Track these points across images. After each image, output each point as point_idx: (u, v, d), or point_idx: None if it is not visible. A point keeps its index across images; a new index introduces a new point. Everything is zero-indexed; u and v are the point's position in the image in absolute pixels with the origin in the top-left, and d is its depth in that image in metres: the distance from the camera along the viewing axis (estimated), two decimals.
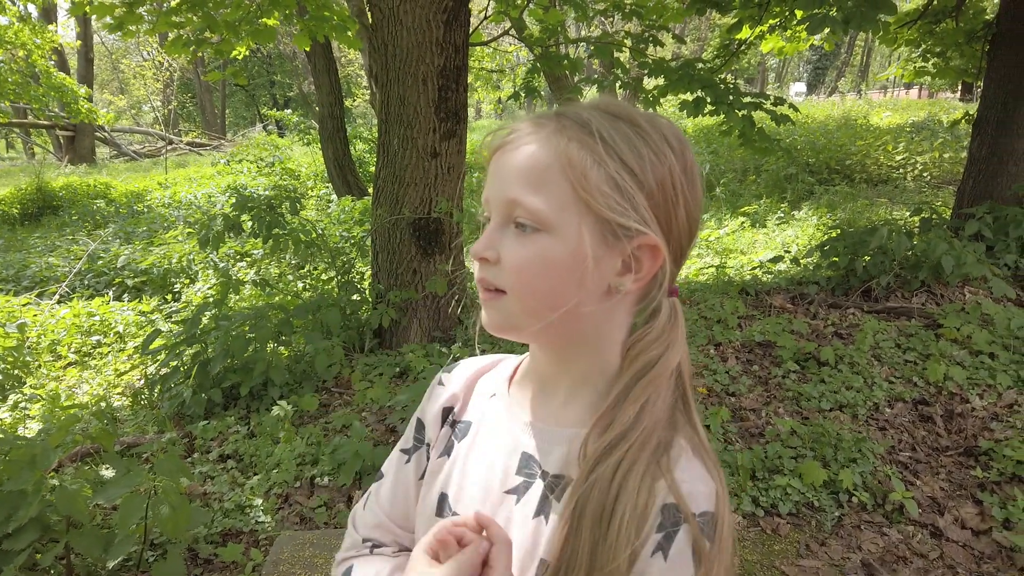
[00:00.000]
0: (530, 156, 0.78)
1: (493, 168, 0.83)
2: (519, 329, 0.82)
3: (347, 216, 9.07)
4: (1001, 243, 5.41)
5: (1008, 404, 3.69)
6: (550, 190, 0.77)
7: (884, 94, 28.69)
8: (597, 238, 0.77)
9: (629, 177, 0.77)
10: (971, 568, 2.76)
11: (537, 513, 0.83)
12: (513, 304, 0.80)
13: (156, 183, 14.58)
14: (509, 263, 0.79)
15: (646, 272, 0.80)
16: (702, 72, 5.44)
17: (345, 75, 27.29)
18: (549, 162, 0.77)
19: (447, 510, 0.92)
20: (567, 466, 0.83)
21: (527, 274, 0.78)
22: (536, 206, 0.77)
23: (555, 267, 0.77)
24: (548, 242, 0.77)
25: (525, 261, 0.78)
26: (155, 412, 4.27)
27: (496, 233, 0.80)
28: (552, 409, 0.88)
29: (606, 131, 0.78)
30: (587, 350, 0.84)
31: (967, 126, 6.36)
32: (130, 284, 7.08)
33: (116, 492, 2.58)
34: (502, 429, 0.91)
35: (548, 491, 0.83)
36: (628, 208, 0.77)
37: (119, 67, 39.20)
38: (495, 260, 0.80)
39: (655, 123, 0.81)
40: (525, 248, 0.78)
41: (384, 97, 4.52)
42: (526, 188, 0.77)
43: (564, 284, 0.78)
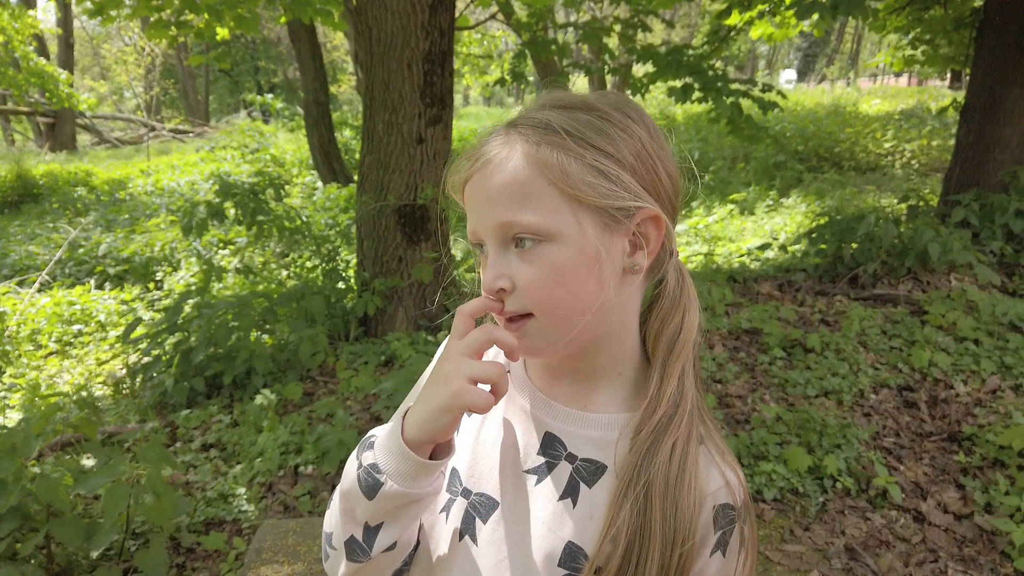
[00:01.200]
0: (505, 175, 0.77)
1: (470, 200, 0.81)
2: (556, 344, 0.80)
3: (332, 203, 9.00)
4: (987, 230, 5.43)
5: (991, 390, 3.71)
6: (538, 200, 0.75)
7: (874, 81, 28.76)
8: (599, 228, 0.77)
9: (607, 160, 0.76)
10: (953, 552, 2.78)
11: (564, 496, 0.82)
12: (544, 322, 0.78)
13: (138, 170, 14.41)
14: (525, 284, 0.77)
15: (654, 243, 0.80)
16: (690, 58, 5.41)
17: (331, 60, 27.06)
18: (527, 174, 0.76)
19: (458, 484, 0.90)
20: (601, 452, 0.82)
21: (546, 288, 0.77)
22: (531, 220, 0.75)
23: (570, 271, 0.76)
24: (554, 250, 0.76)
25: (538, 276, 0.76)
26: (137, 401, 4.22)
27: (500, 260, 0.78)
28: (578, 393, 0.86)
29: (568, 125, 0.77)
30: (610, 341, 0.83)
31: (955, 113, 6.38)
32: (112, 272, 7.00)
33: (98, 481, 2.56)
34: (518, 406, 0.90)
35: (577, 475, 0.83)
36: (618, 189, 0.76)
37: (100, 53, 38.67)
38: (511, 288, 0.78)
39: (608, 101, 0.80)
40: (533, 264, 0.76)
41: (368, 82, 4.46)
42: (514, 207, 0.76)
43: (584, 284, 0.77)
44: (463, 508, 0.88)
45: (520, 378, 0.93)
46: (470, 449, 0.91)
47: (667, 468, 0.76)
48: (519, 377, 0.93)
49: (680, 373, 0.80)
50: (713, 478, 0.79)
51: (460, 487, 0.90)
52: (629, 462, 0.78)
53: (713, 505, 0.78)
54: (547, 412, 0.87)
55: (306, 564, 2.55)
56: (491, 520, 0.86)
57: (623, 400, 0.85)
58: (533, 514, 0.83)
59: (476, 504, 0.87)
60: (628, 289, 0.81)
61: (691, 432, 0.78)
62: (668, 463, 0.76)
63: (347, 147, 12.52)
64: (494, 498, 0.86)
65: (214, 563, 2.79)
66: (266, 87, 34.43)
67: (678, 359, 0.80)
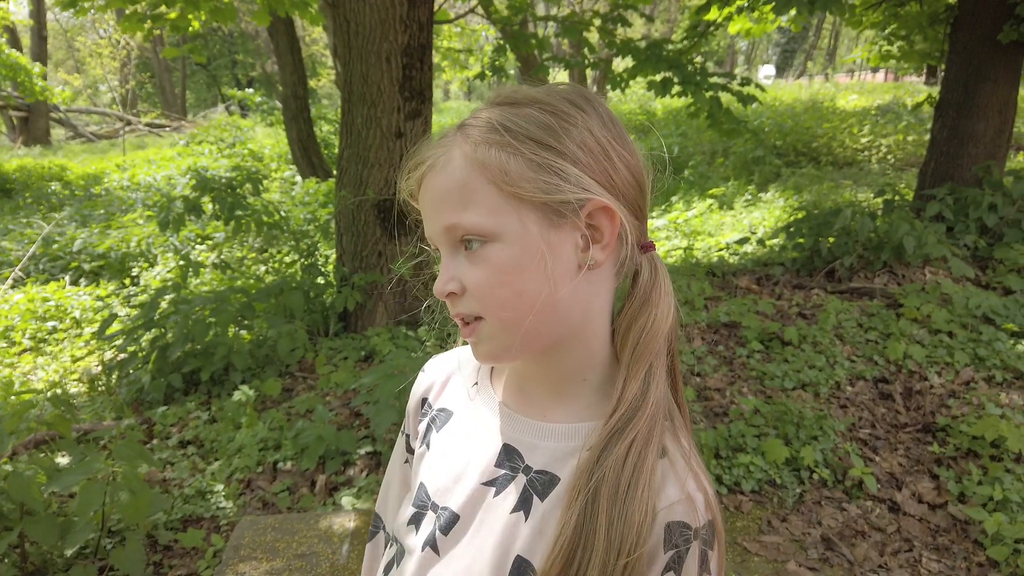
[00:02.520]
0: (447, 177, 0.76)
1: (422, 205, 0.81)
2: (510, 348, 0.78)
3: (311, 198, 8.94)
4: (961, 224, 5.50)
5: (965, 381, 3.76)
6: (479, 200, 0.74)
7: (851, 77, 29.01)
8: (544, 225, 0.75)
9: (549, 153, 0.74)
10: (927, 541, 2.82)
11: (516, 509, 0.80)
12: (492, 325, 0.77)
13: (114, 165, 14.23)
14: (472, 286, 0.76)
15: (609, 236, 0.77)
16: (670, 53, 5.42)
17: (309, 54, 26.84)
18: (466, 175, 0.75)
19: (427, 499, 0.90)
20: (555, 463, 0.80)
21: (490, 288, 0.76)
22: (473, 221, 0.74)
23: (514, 270, 0.75)
24: (498, 249, 0.74)
25: (483, 277, 0.75)
26: (113, 398, 4.17)
27: (451, 264, 0.78)
28: (539, 402, 0.85)
29: (509, 121, 0.75)
30: (574, 343, 0.80)
31: (930, 109, 6.45)
32: (87, 268, 6.90)
33: (72, 479, 2.53)
34: (482, 418, 0.89)
35: (531, 488, 0.80)
36: (560, 183, 0.74)
37: (74, 45, 38.06)
38: (461, 291, 0.77)
39: (557, 93, 0.78)
40: (479, 266, 0.75)
41: (347, 75, 4.43)
42: (456, 209, 0.75)
43: (529, 283, 0.75)
44: (431, 522, 0.88)
45: (487, 390, 0.92)
46: (440, 462, 0.91)
47: (619, 470, 0.72)
48: (486, 390, 0.92)
49: (645, 373, 0.76)
50: (669, 492, 0.73)
51: (429, 501, 0.89)
52: (581, 468, 0.75)
53: (666, 521, 0.72)
54: (509, 424, 0.85)
55: (285, 560, 2.54)
56: (451, 534, 0.85)
57: (587, 408, 0.82)
58: (488, 528, 0.82)
59: (441, 518, 0.87)
60: (590, 286, 0.78)
61: (651, 435, 0.74)
62: (621, 465, 0.72)
63: (326, 142, 12.44)
64: (455, 512, 0.85)
65: (192, 560, 2.77)
66: (244, 81, 34.08)
67: (642, 357, 0.77)
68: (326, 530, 2.69)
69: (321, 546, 2.60)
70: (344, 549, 2.58)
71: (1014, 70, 5.68)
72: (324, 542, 2.62)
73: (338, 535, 2.66)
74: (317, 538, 2.65)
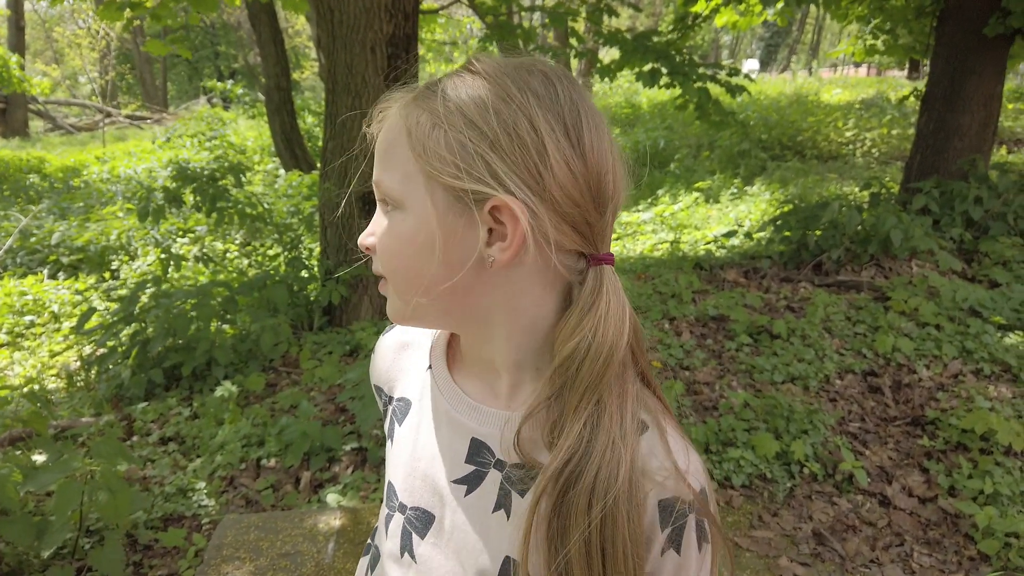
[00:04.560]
0: (385, 132, 0.75)
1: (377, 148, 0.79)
2: (403, 314, 0.78)
3: (295, 191, 8.83)
4: (947, 217, 5.51)
5: (953, 374, 3.76)
6: (395, 164, 0.72)
7: (834, 71, 29.17)
8: (446, 208, 0.69)
9: (472, 132, 0.67)
10: (918, 535, 2.81)
11: (496, 507, 0.76)
12: (390, 287, 0.77)
13: (94, 157, 14.00)
14: (377, 246, 0.76)
15: (511, 237, 0.68)
16: (657, 44, 5.38)
17: (292, 46, 26.58)
18: (394, 135, 0.73)
19: (395, 499, 0.84)
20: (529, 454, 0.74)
21: (387, 253, 0.75)
22: (387, 183, 0.73)
23: (407, 244, 0.73)
24: (400, 218, 0.73)
25: (384, 241, 0.75)
26: (92, 394, 4.09)
27: (378, 219, 0.77)
28: (500, 389, 0.79)
29: (452, 91, 0.69)
30: (499, 330, 0.74)
31: (915, 103, 6.46)
32: (65, 262, 6.78)
33: (49, 478, 2.48)
34: (441, 408, 0.82)
35: (507, 483, 0.75)
36: (470, 169, 0.67)
37: (52, 36, 37.47)
38: (374, 248, 0.77)
39: (516, 68, 0.70)
40: (385, 228, 0.75)
41: (331, 66, 4.36)
42: (381, 166, 0.74)
43: (419, 261, 0.72)
44: (400, 524, 0.83)
45: (442, 377, 0.85)
46: (406, 459, 0.85)
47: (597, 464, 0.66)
48: (441, 376, 0.85)
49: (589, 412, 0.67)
50: (655, 466, 0.69)
51: (396, 501, 0.84)
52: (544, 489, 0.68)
53: (659, 499, 0.68)
54: (471, 415, 0.79)
55: (269, 559, 2.48)
56: (428, 536, 0.80)
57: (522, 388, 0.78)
58: (468, 528, 0.77)
59: (412, 519, 0.82)
60: (508, 283, 0.71)
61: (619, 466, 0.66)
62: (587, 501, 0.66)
63: (309, 134, 12.31)
64: (430, 512, 0.81)
65: (173, 560, 2.71)
66: (226, 73, 33.68)
67: (580, 385, 0.68)
68: (311, 529, 2.64)
69: (306, 545, 2.55)
70: (329, 548, 2.53)
71: (999, 63, 5.69)
72: (309, 541, 2.57)
73: (323, 534, 2.61)
74: (302, 537, 2.59)
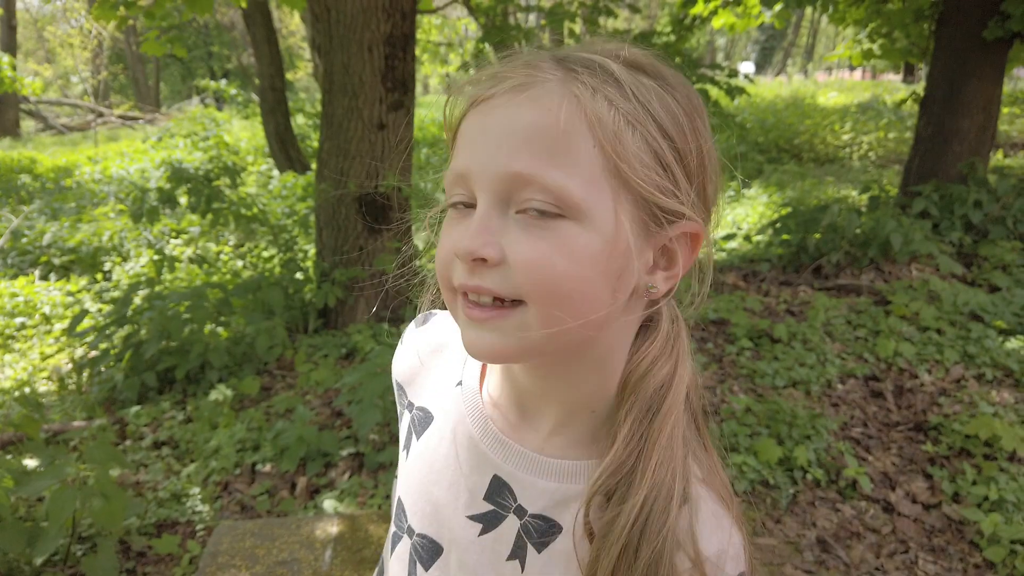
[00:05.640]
0: (541, 112, 0.57)
1: (474, 130, 0.61)
2: (535, 352, 0.62)
3: (289, 192, 8.78)
4: (946, 221, 5.50)
5: (955, 379, 3.73)
6: (576, 160, 0.57)
7: (830, 74, 29.25)
8: (637, 225, 0.59)
9: (667, 145, 0.59)
10: (922, 542, 2.78)
11: (511, 556, 0.70)
12: (533, 318, 0.59)
13: (86, 157, 13.91)
14: (523, 262, 0.57)
15: (682, 266, 0.64)
16: (656, 46, 5.35)
17: (286, 46, 26.51)
18: (571, 122, 0.57)
19: (403, 520, 0.79)
20: (555, 508, 0.68)
21: (549, 275, 0.57)
22: (559, 182, 0.56)
23: (588, 264, 0.58)
24: (576, 231, 0.57)
25: (544, 257, 0.57)
26: (84, 397, 4.04)
27: (493, 222, 0.59)
28: (538, 427, 0.71)
29: (634, 83, 0.59)
30: (594, 369, 0.66)
31: (913, 106, 6.45)
32: (57, 263, 6.71)
33: (41, 484, 2.44)
34: (466, 434, 0.74)
35: (525, 535, 0.69)
36: (672, 184, 0.60)
37: (44, 35, 37.28)
38: (497, 260, 0.58)
39: (680, 79, 0.63)
40: (543, 240, 0.57)
41: (327, 66, 4.31)
42: (541, 158, 0.57)
43: (599, 287, 0.59)
44: (408, 549, 0.77)
45: (472, 399, 0.75)
46: (420, 480, 0.78)
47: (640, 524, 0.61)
48: (471, 397, 0.76)
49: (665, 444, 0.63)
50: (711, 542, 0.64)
51: (405, 523, 0.78)
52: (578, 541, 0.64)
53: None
54: (498, 450, 0.71)
55: (265, 567, 2.43)
56: (433, 569, 0.75)
57: (590, 443, 0.68)
58: (479, 570, 0.71)
59: (418, 547, 0.76)
60: (633, 313, 0.65)
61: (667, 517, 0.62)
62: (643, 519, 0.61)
63: (304, 135, 12.26)
64: (438, 543, 0.75)
65: (167, 567, 2.66)
66: (220, 73, 33.55)
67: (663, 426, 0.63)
68: (308, 536, 2.59)
69: (303, 552, 2.50)
70: (327, 555, 2.48)
71: (998, 67, 5.69)
72: (306, 548, 2.52)
73: (320, 541, 2.56)
74: (299, 544, 2.54)
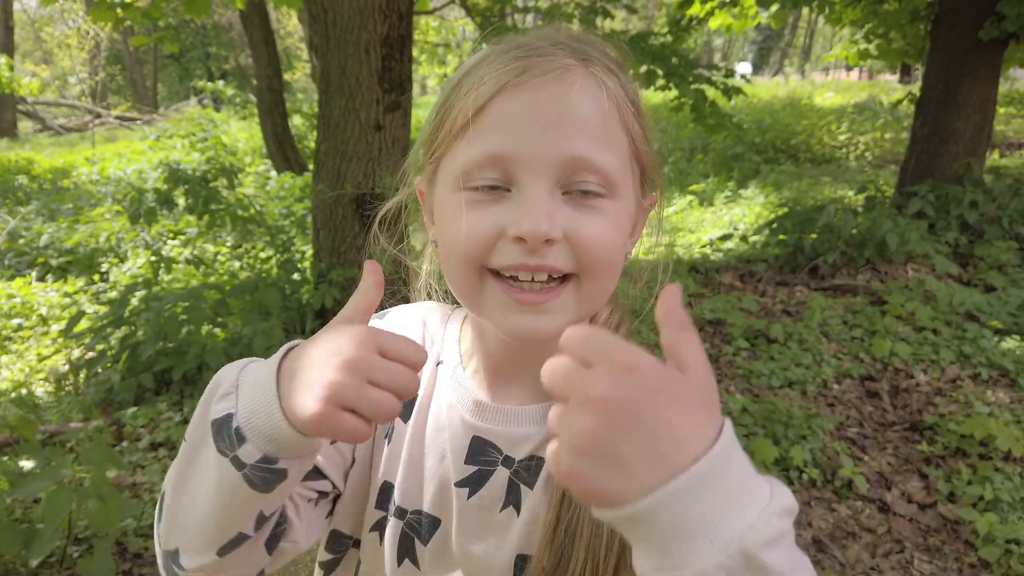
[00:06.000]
0: (590, 103, 0.63)
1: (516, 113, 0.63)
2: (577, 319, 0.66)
3: (287, 193, 8.78)
4: (942, 221, 5.51)
5: (951, 379, 3.74)
6: (614, 146, 0.64)
7: (826, 75, 29.28)
8: (637, 196, 0.69)
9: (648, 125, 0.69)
10: (918, 542, 2.78)
11: (506, 505, 0.72)
12: (581, 291, 0.65)
13: (83, 158, 13.91)
14: (587, 239, 0.63)
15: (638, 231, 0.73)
16: (653, 46, 5.36)
17: (284, 47, 26.51)
18: (612, 112, 0.64)
19: (391, 503, 0.79)
20: (543, 448, 0.71)
21: (606, 248, 0.64)
22: (611, 165, 0.63)
23: (622, 235, 0.67)
24: (615, 207, 0.65)
25: (603, 233, 0.64)
26: (81, 398, 4.04)
27: (549, 203, 0.63)
28: (516, 388, 0.75)
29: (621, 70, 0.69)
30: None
31: (909, 106, 6.47)
32: (54, 264, 6.71)
33: (37, 485, 2.43)
34: (448, 407, 0.78)
35: (516, 479, 0.72)
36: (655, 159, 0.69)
37: (42, 36, 37.23)
38: (561, 240, 0.63)
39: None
40: (598, 219, 0.63)
41: (324, 67, 4.31)
42: (595, 144, 0.62)
43: (623, 256, 0.69)
44: (398, 530, 0.78)
45: (456, 374, 0.79)
46: (407, 460, 0.79)
47: None
48: (454, 372, 0.80)
49: None
50: None
51: (394, 506, 0.79)
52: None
53: None
54: (477, 413, 0.75)
55: None
56: (433, 541, 0.76)
57: None
58: (476, 530, 0.73)
59: (413, 524, 0.77)
60: None
61: None
62: None
63: (301, 136, 12.26)
64: (434, 515, 0.76)
65: None
66: (217, 74, 33.53)
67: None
68: None
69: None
70: None
71: (994, 67, 5.70)
72: None
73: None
74: None
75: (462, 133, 0.66)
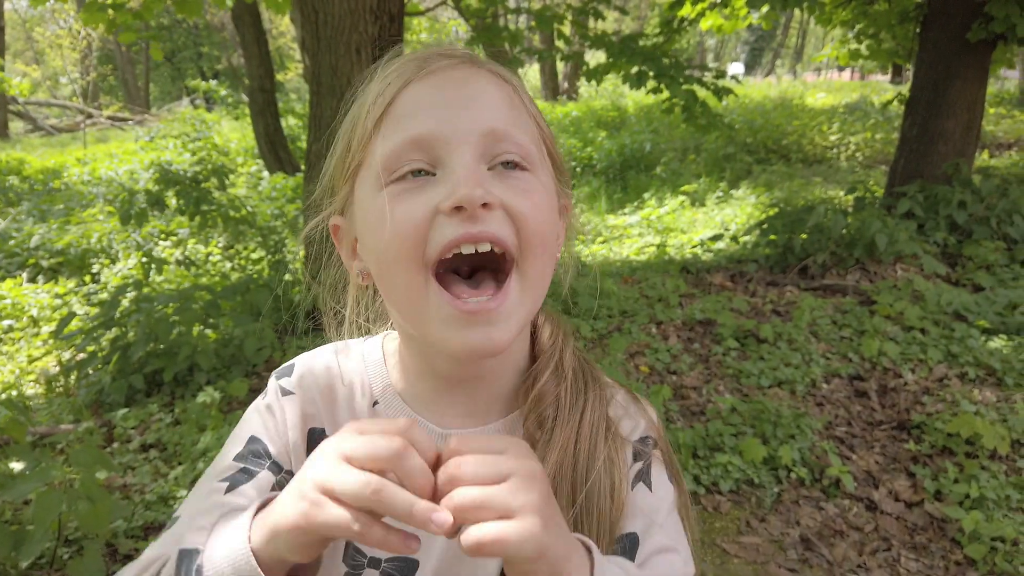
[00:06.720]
0: (499, 85, 0.67)
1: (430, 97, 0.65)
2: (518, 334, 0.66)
3: (279, 193, 8.77)
4: (931, 221, 5.54)
5: (938, 378, 3.77)
6: (526, 125, 0.67)
7: (818, 75, 29.38)
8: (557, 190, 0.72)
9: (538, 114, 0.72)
10: (904, 540, 2.81)
11: None
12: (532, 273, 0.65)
13: (74, 159, 13.86)
14: (523, 210, 0.63)
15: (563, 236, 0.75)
16: (644, 47, 5.38)
17: (276, 47, 26.44)
18: (516, 96, 0.68)
19: (361, 556, 0.78)
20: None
21: (543, 216, 0.65)
22: (524, 140, 0.66)
23: (550, 211, 0.68)
24: (536, 183, 0.66)
25: (532, 205, 0.64)
26: (71, 400, 4.02)
27: (478, 173, 0.62)
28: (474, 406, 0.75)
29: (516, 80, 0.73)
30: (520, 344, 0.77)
31: (899, 106, 6.50)
32: (45, 265, 6.68)
33: (27, 487, 2.42)
34: None
35: None
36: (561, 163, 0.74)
37: (33, 36, 37.05)
38: (497, 206, 0.62)
39: None
40: (527, 192, 0.64)
41: (315, 67, 4.31)
42: (508, 120, 0.65)
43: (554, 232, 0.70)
44: None
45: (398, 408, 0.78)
46: None
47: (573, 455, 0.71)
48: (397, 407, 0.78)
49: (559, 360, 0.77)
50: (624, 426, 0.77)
51: (365, 558, 0.76)
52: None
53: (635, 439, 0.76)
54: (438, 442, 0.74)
55: None
56: None
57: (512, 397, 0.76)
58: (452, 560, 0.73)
59: (390, 571, 0.76)
60: None
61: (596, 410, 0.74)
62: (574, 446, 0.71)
63: (294, 136, 12.24)
64: (412, 559, 0.75)
65: None
66: (209, 74, 33.42)
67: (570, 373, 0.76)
68: None
69: None
70: None
71: (982, 68, 5.74)
72: None
73: None
74: None
75: (375, 132, 0.66)
